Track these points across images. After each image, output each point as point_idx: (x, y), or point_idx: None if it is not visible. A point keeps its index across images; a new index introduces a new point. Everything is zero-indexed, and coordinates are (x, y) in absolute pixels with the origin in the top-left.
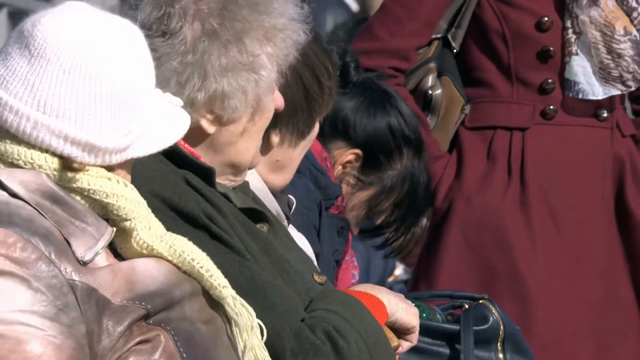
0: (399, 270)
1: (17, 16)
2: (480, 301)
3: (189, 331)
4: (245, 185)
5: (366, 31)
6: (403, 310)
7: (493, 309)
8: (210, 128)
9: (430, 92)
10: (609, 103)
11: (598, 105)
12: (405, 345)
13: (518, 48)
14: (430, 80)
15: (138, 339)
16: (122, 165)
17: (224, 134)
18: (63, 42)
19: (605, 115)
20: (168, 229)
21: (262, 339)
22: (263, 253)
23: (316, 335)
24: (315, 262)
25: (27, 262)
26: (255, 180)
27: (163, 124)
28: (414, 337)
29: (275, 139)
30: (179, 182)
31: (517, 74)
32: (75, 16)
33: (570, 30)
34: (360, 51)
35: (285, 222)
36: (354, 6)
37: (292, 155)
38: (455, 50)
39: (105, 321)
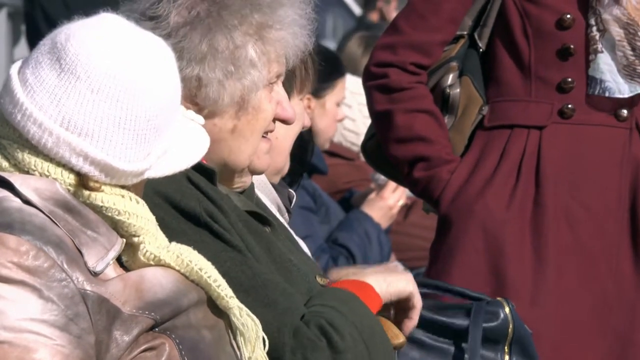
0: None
1: (17, 16)
2: (498, 298)
3: (194, 339)
4: (250, 189)
5: (391, 26)
6: (393, 282)
7: (507, 307)
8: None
9: (447, 90)
10: (631, 102)
11: (619, 104)
12: (410, 324)
13: (539, 46)
14: (450, 79)
15: (143, 347)
16: (136, 184)
17: (213, 129)
18: (94, 62)
19: (625, 115)
20: (169, 227)
21: (264, 349)
22: (265, 252)
23: (311, 331)
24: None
25: (39, 271)
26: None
27: (182, 145)
28: (417, 301)
29: None
30: (181, 180)
31: (537, 72)
32: (110, 35)
33: (594, 28)
34: (383, 46)
35: (285, 215)
36: (355, 7)
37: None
38: (481, 50)
39: (115, 331)
